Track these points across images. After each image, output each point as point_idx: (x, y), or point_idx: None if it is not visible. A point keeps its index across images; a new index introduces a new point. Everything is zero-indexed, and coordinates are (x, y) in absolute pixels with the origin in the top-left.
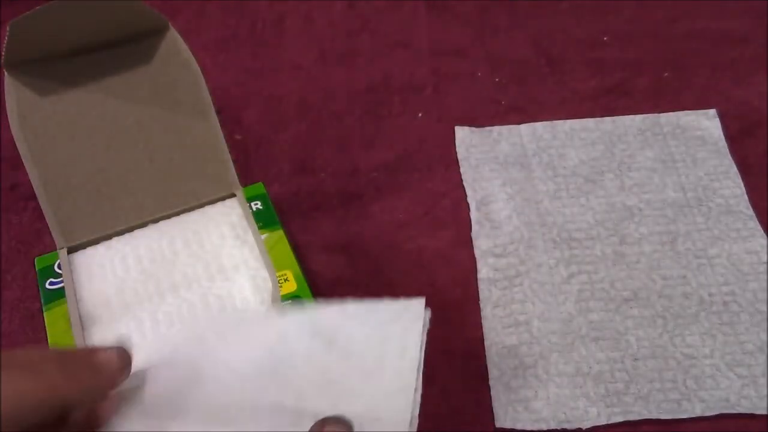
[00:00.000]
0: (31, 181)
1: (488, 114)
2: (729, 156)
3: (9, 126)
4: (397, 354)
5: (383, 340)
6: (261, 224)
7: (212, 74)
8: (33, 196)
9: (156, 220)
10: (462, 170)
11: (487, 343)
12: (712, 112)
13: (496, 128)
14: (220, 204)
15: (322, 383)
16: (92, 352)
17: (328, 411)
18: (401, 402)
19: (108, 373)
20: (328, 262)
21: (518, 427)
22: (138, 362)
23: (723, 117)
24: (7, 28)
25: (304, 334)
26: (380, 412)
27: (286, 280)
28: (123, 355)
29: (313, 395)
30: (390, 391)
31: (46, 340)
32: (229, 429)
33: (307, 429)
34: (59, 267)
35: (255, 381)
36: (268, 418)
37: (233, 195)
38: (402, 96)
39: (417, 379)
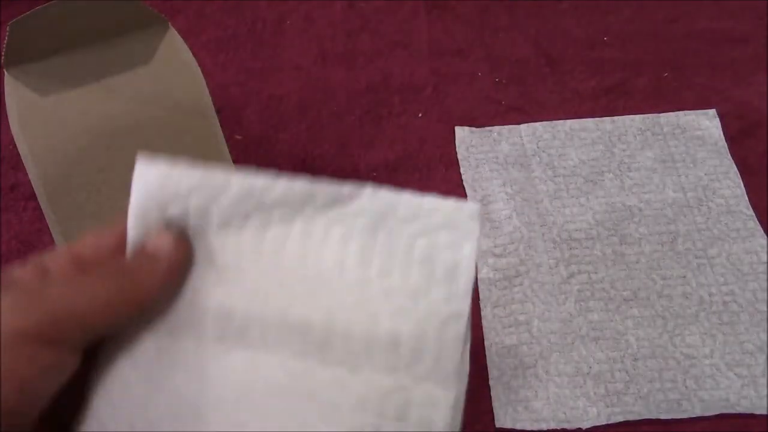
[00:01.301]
0: (31, 181)
1: (488, 114)
2: (729, 156)
3: (9, 126)
4: (448, 272)
5: (431, 250)
6: None
7: (212, 74)
8: (33, 196)
9: None
10: (462, 170)
11: (487, 343)
12: (712, 112)
13: (496, 128)
14: None
15: (355, 298)
16: (142, 246)
17: (361, 333)
18: (451, 333)
19: (164, 256)
20: None
21: (518, 427)
22: None
23: (723, 117)
24: (7, 28)
25: (335, 234)
26: (426, 341)
27: None
28: (171, 229)
29: (345, 312)
30: (438, 317)
31: None
32: (251, 350)
33: (336, 353)
34: None
35: (279, 290)
36: (294, 339)
37: None
38: (402, 96)
39: (467, 309)
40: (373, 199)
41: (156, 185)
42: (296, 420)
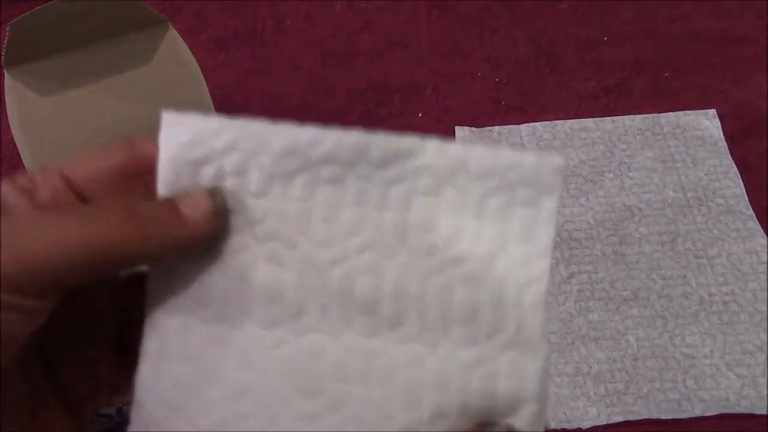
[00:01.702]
0: None
1: (488, 114)
2: (729, 156)
3: (9, 126)
4: (525, 231)
5: (505, 208)
6: None
7: (212, 74)
8: None
9: None
10: None
11: None
12: (712, 112)
13: (496, 128)
14: None
15: (423, 267)
16: (173, 199)
17: (434, 306)
18: (531, 296)
19: (193, 221)
20: None
21: None
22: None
23: (723, 117)
24: (7, 28)
25: (394, 195)
26: (506, 307)
27: None
28: (215, 198)
29: (414, 283)
30: (516, 281)
31: None
32: (310, 334)
33: (410, 329)
34: None
35: (335, 264)
36: (360, 317)
37: None
38: (402, 96)
39: (547, 270)
40: (440, 154)
41: (187, 142)
42: (373, 407)
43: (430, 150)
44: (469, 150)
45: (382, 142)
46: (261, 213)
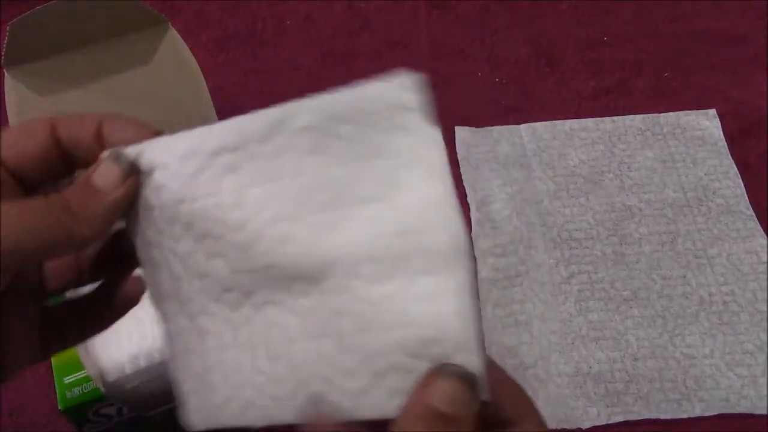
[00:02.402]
0: None
1: (488, 114)
2: (729, 156)
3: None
4: (412, 156)
5: (388, 141)
6: None
7: (212, 74)
8: None
9: None
10: (462, 170)
11: (487, 343)
12: (712, 112)
13: (496, 128)
14: None
15: (327, 221)
16: (89, 176)
17: (345, 254)
18: (434, 218)
19: (108, 191)
20: None
21: None
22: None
23: (723, 117)
24: (7, 28)
25: (286, 162)
26: (410, 234)
27: None
28: (118, 162)
29: (324, 238)
30: (417, 207)
31: None
32: (269, 307)
33: (333, 281)
34: None
35: (258, 242)
36: (293, 284)
37: None
38: None
39: (448, 188)
40: (311, 112)
41: None
42: (322, 360)
43: (301, 110)
44: (332, 98)
45: (257, 118)
46: (188, 217)
